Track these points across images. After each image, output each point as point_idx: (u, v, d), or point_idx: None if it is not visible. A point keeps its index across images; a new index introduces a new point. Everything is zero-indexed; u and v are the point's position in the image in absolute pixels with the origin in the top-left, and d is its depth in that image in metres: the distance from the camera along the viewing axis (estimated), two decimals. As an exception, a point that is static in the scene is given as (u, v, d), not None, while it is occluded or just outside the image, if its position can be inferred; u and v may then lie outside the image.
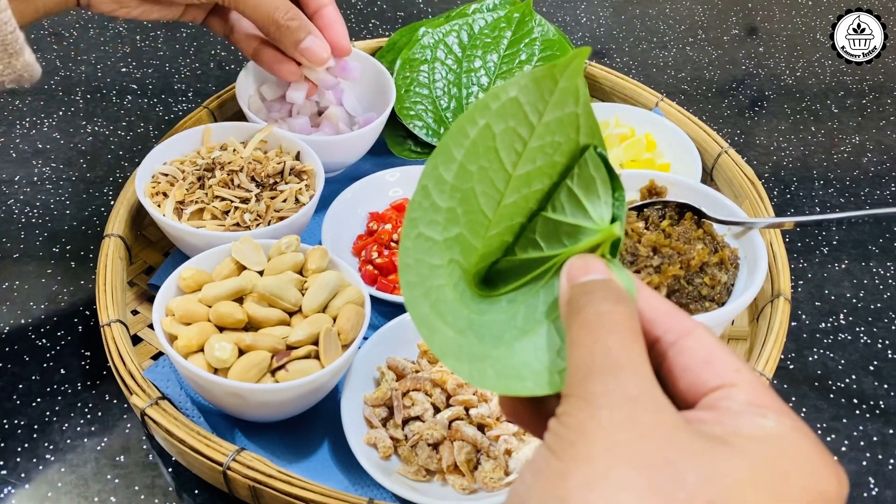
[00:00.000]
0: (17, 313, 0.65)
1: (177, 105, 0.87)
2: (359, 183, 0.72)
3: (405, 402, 0.55)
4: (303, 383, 0.51)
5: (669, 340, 0.28)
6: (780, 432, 0.25)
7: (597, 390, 0.25)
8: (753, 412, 0.26)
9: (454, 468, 0.53)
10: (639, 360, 0.26)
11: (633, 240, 0.57)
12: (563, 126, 0.31)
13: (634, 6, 1.09)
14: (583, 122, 0.32)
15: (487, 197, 0.32)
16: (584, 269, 0.29)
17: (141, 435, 0.58)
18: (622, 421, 0.24)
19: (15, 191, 0.76)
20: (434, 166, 0.31)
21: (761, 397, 0.26)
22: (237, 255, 0.57)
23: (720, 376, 0.27)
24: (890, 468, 0.59)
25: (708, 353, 0.27)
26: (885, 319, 0.69)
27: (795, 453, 0.25)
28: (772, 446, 0.25)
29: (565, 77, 0.31)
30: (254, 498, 0.51)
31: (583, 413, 0.25)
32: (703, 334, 0.28)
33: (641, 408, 0.25)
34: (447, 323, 0.31)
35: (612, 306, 0.27)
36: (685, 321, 0.28)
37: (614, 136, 0.77)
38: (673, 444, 0.24)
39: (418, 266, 0.31)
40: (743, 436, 0.25)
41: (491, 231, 0.33)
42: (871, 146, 0.88)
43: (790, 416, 0.26)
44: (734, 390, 0.26)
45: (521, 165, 0.32)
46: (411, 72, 0.79)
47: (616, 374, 0.26)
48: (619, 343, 0.26)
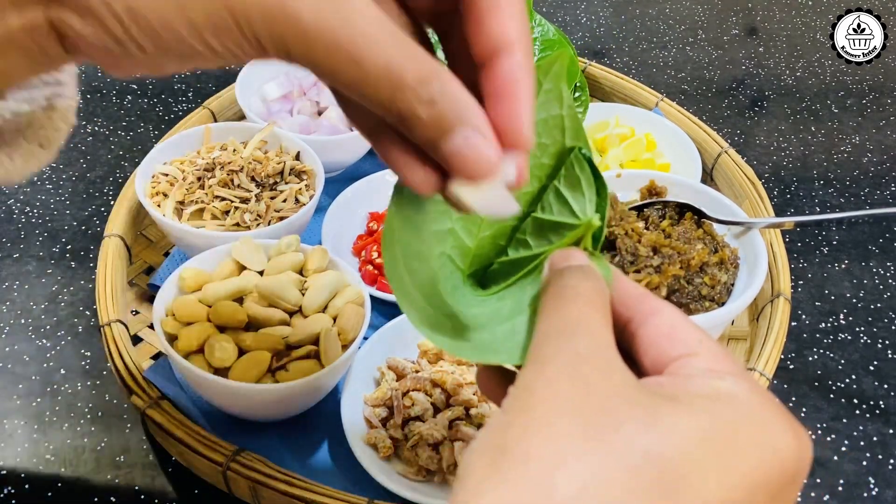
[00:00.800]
0: (17, 313, 0.65)
1: (177, 105, 0.87)
2: (359, 183, 0.72)
3: (405, 402, 0.55)
4: (303, 383, 0.51)
5: (639, 320, 0.29)
6: (733, 392, 0.25)
7: (548, 351, 0.26)
8: (710, 375, 0.26)
9: (454, 468, 0.53)
10: (595, 325, 0.27)
11: (633, 240, 0.57)
12: (548, 128, 0.33)
13: (634, 6, 1.09)
14: (568, 125, 0.33)
15: None
16: (564, 258, 0.31)
17: (141, 435, 0.58)
18: (567, 376, 0.25)
19: (15, 191, 0.76)
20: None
21: (721, 363, 0.27)
22: (237, 255, 0.57)
23: (682, 347, 0.27)
24: (890, 468, 0.59)
25: (670, 327, 0.28)
26: (885, 319, 0.69)
27: (748, 411, 0.25)
28: (722, 403, 0.25)
29: (549, 79, 0.32)
30: (254, 498, 0.51)
31: (531, 372, 0.25)
32: (669, 312, 0.29)
33: (589, 366, 0.25)
34: (432, 305, 0.32)
35: (578, 282, 0.29)
36: (654, 302, 0.29)
37: (614, 136, 0.77)
38: (616, 395, 0.24)
39: (402, 245, 0.32)
40: (693, 394, 0.25)
41: (483, 232, 0.34)
42: (871, 146, 0.88)
43: (749, 380, 0.26)
44: (694, 358, 0.27)
45: None
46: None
47: (568, 336, 0.26)
48: (577, 311, 0.27)
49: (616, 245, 0.57)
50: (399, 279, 0.32)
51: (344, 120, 0.76)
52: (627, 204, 0.63)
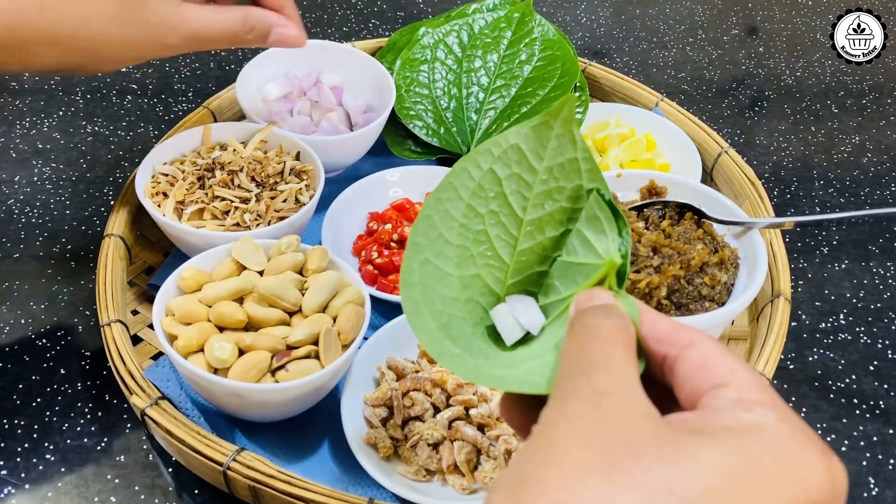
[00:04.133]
0: (17, 313, 0.65)
1: (177, 105, 0.87)
2: (359, 183, 0.72)
3: (405, 402, 0.55)
4: (303, 383, 0.51)
5: (673, 355, 0.28)
6: (761, 423, 0.25)
7: (568, 388, 0.26)
8: (738, 407, 0.25)
9: (454, 468, 0.53)
10: (616, 362, 0.27)
11: (634, 240, 0.57)
12: (565, 171, 0.34)
13: (634, 6, 1.09)
14: (584, 167, 0.33)
15: (502, 242, 0.34)
16: (588, 298, 0.31)
17: (141, 435, 0.58)
18: (587, 411, 0.24)
19: (15, 191, 0.76)
20: (438, 199, 0.33)
21: (752, 394, 0.26)
22: (237, 255, 0.57)
23: (714, 378, 0.27)
24: (890, 468, 0.59)
25: (703, 359, 0.28)
26: (885, 319, 0.69)
27: (775, 443, 0.24)
28: (748, 435, 0.24)
29: (559, 123, 0.33)
30: (254, 498, 0.51)
31: (552, 409, 0.25)
32: (702, 343, 0.28)
33: (610, 401, 0.25)
34: (457, 345, 0.33)
35: (600, 320, 0.29)
36: (687, 334, 0.29)
37: (614, 136, 0.77)
38: (637, 429, 0.24)
39: (424, 288, 0.33)
40: (718, 427, 0.25)
41: (511, 279, 0.35)
42: (871, 146, 0.88)
43: (781, 410, 0.25)
44: (725, 389, 0.26)
45: (530, 210, 0.34)
46: (411, 72, 0.79)
47: (589, 373, 0.26)
48: (598, 348, 0.27)
49: (616, 245, 0.57)
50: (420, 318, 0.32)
51: (344, 120, 0.76)
52: (627, 204, 0.63)
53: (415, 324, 0.32)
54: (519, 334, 0.34)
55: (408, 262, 0.33)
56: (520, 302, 0.34)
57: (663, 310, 0.56)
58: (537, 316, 0.34)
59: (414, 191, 0.73)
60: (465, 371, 0.31)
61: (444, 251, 0.33)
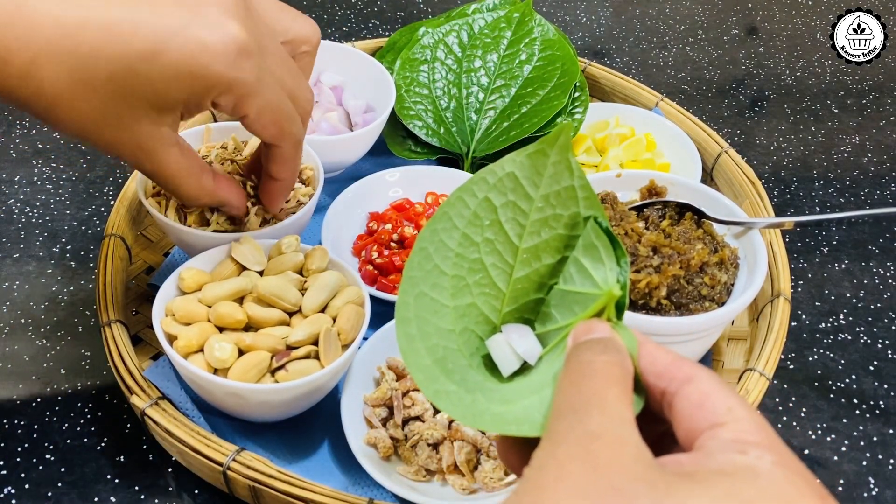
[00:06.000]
0: (17, 313, 0.65)
1: (177, 105, 0.87)
2: (359, 183, 0.72)
3: (405, 402, 0.55)
4: (303, 383, 0.51)
5: (672, 390, 0.28)
6: (754, 466, 0.24)
7: (560, 428, 0.26)
8: (732, 449, 0.25)
9: (454, 468, 0.53)
10: (610, 401, 0.26)
11: (633, 240, 0.57)
12: (561, 199, 0.33)
13: (634, 6, 1.09)
14: (581, 195, 0.33)
15: (498, 270, 0.34)
16: (586, 330, 0.30)
17: (141, 435, 0.58)
18: (578, 455, 0.24)
19: (15, 191, 0.76)
20: (434, 231, 0.33)
21: (749, 435, 0.25)
22: (237, 255, 0.57)
23: (711, 418, 0.26)
24: (890, 468, 0.59)
25: (702, 396, 0.27)
26: (885, 319, 0.69)
27: (769, 488, 0.23)
28: (741, 480, 0.24)
29: (555, 151, 0.32)
30: (254, 498, 0.51)
31: (543, 451, 0.25)
32: (701, 379, 0.28)
33: (601, 443, 0.24)
34: (453, 381, 0.32)
35: (595, 356, 0.28)
36: (686, 369, 0.28)
37: (614, 136, 0.77)
38: (626, 475, 0.23)
39: (420, 322, 0.33)
40: (711, 470, 0.24)
41: (507, 307, 0.35)
42: (871, 146, 0.88)
43: (778, 452, 0.25)
44: (721, 429, 0.26)
45: (526, 238, 0.34)
46: (411, 72, 0.79)
47: (581, 414, 0.26)
48: (591, 386, 0.27)
49: (616, 245, 0.57)
50: (415, 355, 0.32)
51: (344, 120, 0.76)
52: (627, 204, 0.63)
53: (410, 361, 0.32)
54: (516, 365, 0.33)
55: (403, 297, 0.32)
56: (516, 331, 0.34)
57: (663, 309, 0.56)
58: (534, 345, 0.33)
59: (414, 191, 0.73)
60: (462, 412, 0.31)
61: (440, 282, 0.33)
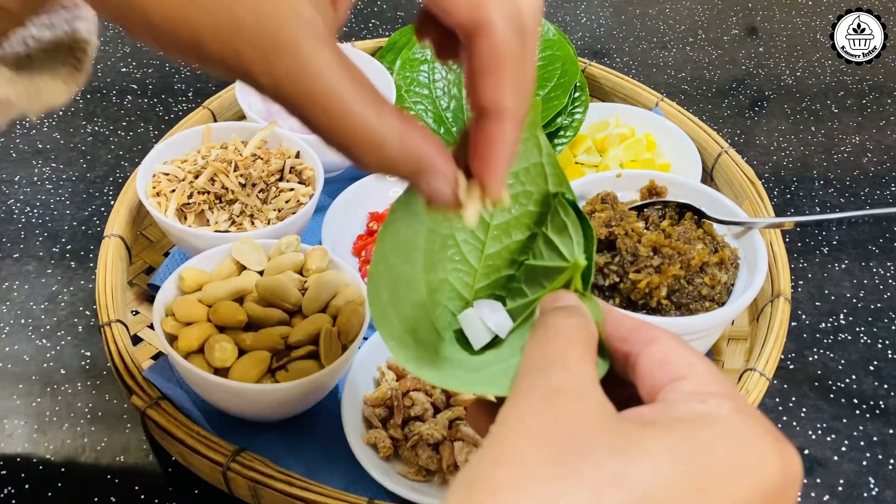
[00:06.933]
0: (17, 313, 0.65)
1: (177, 105, 0.87)
2: (359, 183, 0.72)
3: (405, 402, 0.55)
4: (303, 383, 0.51)
5: (636, 352, 0.29)
6: (714, 413, 0.25)
7: (523, 386, 0.26)
8: (692, 399, 0.25)
9: (454, 468, 0.53)
10: (572, 359, 0.27)
11: (634, 240, 0.57)
12: (531, 176, 0.34)
13: (634, 6, 1.09)
14: (549, 172, 0.34)
15: (470, 245, 0.34)
16: (553, 300, 0.31)
17: (141, 435, 0.58)
18: (539, 409, 0.25)
19: (15, 191, 0.76)
20: (406, 203, 0.33)
21: (708, 386, 0.26)
22: (237, 255, 0.57)
23: (672, 373, 0.27)
24: (890, 468, 0.59)
25: (663, 355, 0.28)
26: (885, 319, 0.69)
27: (727, 431, 0.24)
28: (700, 425, 0.24)
29: (525, 128, 0.32)
30: (254, 498, 0.51)
31: (507, 407, 0.25)
32: (663, 339, 0.28)
33: (562, 397, 0.25)
34: (425, 349, 0.33)
35: (559, 320, 0.29)
36: (649, 332, 0.29)
37: (614, 136, 0.77)
38: (586, 424, 0.24)
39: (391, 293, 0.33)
40: (670, 418, 0.25)
41: (479, 283, 0.35)
42: (871, 146, 0.88)
43: (736, 401, 0.25)
44: (681, 383, 0.26)
45: (497, 214, 0.34)
46: (411, 72, 0.79)
47: (545, 371, 0.26)
48: (555, 346, 0.27)
49: (616, 245, 0.57)
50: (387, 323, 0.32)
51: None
52: (627, 204, 0.63)
53: (381, 327, 0.32)
54: (487, 338, 0.34)
55: (375, 266, 0.32)
56: (487, 306, 0.34)
57: (663, 309, 0.56)
58: (504, 320, 0.34)
59: (414, 191, 0.73)
60: (431, 374, 0.31)
61: (412, 256, 0.33)
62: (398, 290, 0.33)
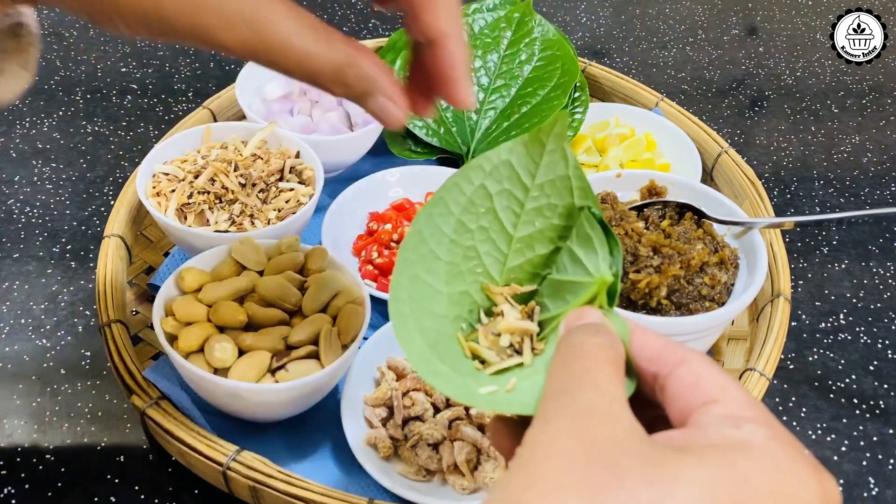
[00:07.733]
0: (17, 313, 0.65)
1: (177, 105, 0.87)
2: (359, 183, 0.72)
3: (405, 402, 0.55)
4: (303, 383, 0.51)
5: (664, 373, 0.28)
6: (748, 440, 0.24)
7: (552, 407, 0.26)
8: (725, 424, 0.25)
9: (454, 468, 0.53)
10: (601, 380, 0.26)
11: (633, 240, 0.57)
12: (556, 188, 0.33)
13: (634, 6, 1.09)
14: (575, 185, 0.33)
15: (492, 258, 0.34)
16: (578, 317, 0.31)
17: (141, 435, 0.58)
18: (569, 430, 0.24)
19: (15, 191, 0.76)
20: (429, 215, 0.33)
21: (742, 411, 0.26)
22: (237, 255, 0.57)
23: (703, 396, 0.26)
24: (890, 468, 0.59)
25: (695, 376, 0.27)
26: (885, 319, 0.69)
27: (763, 459, 0.24)
28: (735, 452, 0.24)
29: (551, 140, 0.33)
30: (254, 498, 0.51)
31: (536, 429, 0.25)
32: (694, 361, 0.28)
33: (593, 420, 0.24)
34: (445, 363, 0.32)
35: (587, 338, 0.28)
36: (679, 352, 0.28)
37: (614, 136, 0.77)
38: (619, 449, 0.23)
39: (413, 304, 0.32)
40: (704, 444, 0.24)
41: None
42: (871, 146, 0.88)
43: (771, 427, 0.25)
44: (714, 406, 0.26)
45: (521, 227, 0.34)
46: (411, 72, 0.79)
47: (573, 392, 0.26)
48: (583, 366, 0.27)
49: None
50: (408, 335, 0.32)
51: (344, 120, 0.76)
52: (627, 204, 0.63)
53: (403, 340, 0.32)
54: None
55: (397, 278, 0.32)
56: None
57: (663, 309, 0.56)
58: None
59: (414, 191, 0.73)
60: (454, 390, 0.31)
61: (434, 267, 0.33)
62: (420, 302, 0.33)
